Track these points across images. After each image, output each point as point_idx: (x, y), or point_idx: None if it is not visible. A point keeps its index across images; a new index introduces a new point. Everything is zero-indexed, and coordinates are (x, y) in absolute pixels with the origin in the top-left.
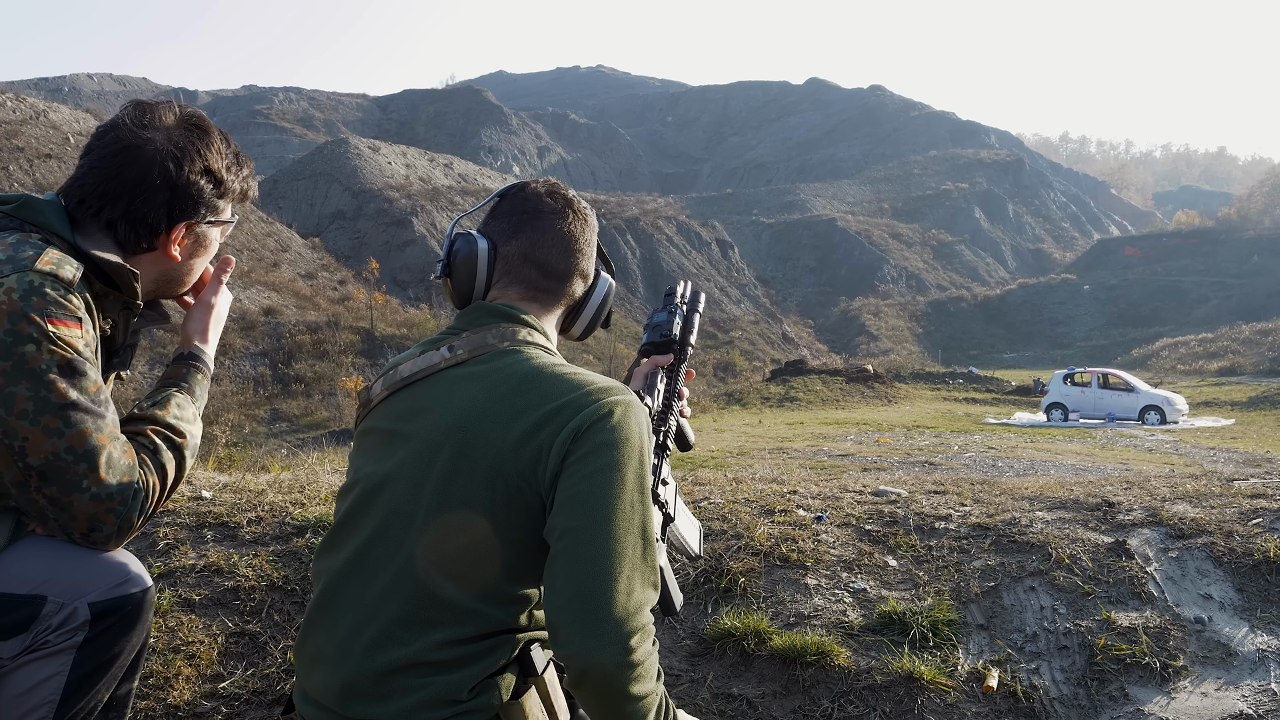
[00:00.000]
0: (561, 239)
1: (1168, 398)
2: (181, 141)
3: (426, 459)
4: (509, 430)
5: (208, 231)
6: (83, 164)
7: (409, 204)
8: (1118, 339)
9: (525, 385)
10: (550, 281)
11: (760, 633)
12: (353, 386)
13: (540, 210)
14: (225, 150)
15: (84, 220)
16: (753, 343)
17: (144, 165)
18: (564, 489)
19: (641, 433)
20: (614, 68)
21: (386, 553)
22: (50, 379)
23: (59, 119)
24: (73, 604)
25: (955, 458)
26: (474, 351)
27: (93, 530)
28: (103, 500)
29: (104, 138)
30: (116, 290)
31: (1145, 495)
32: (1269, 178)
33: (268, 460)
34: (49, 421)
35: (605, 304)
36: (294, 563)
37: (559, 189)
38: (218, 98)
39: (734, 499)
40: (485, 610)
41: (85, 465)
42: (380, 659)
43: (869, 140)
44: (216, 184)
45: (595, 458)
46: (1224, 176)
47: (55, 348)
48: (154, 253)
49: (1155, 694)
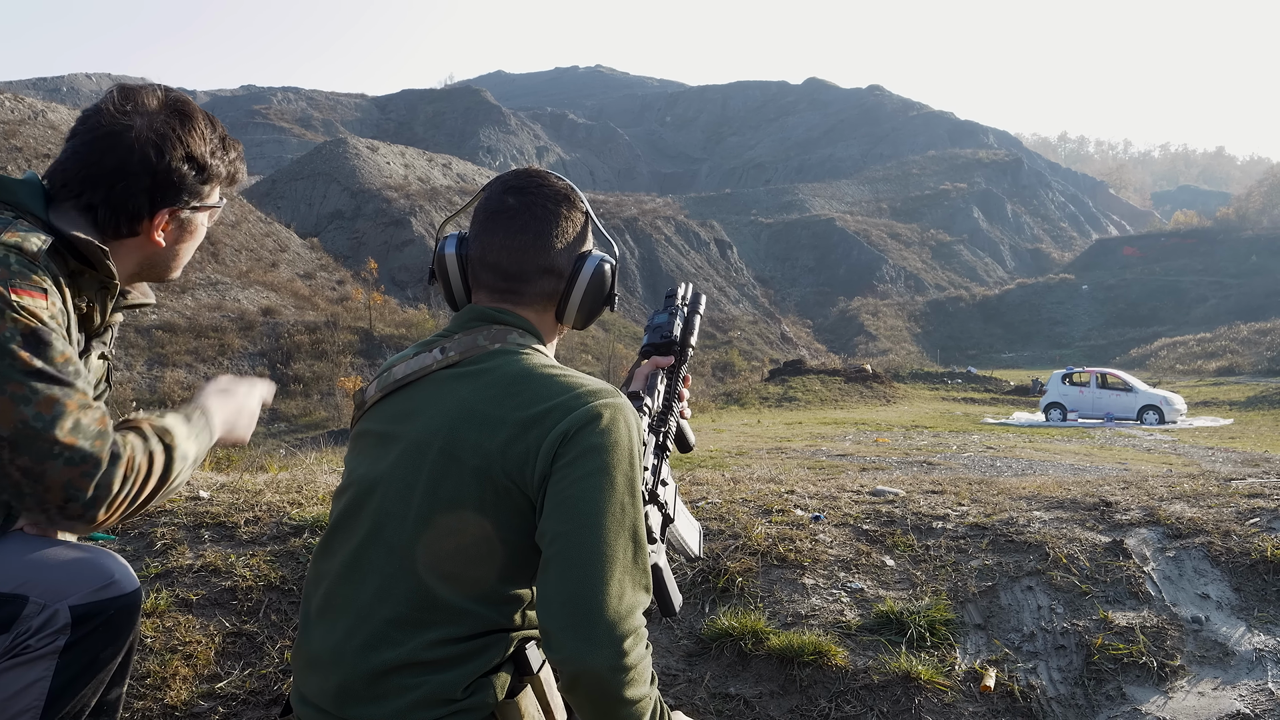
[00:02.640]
0: (513, 243)
1: (1166, 397)
2: (163, 128)
3: (417, 460)
4: (497, 431)
5: (193, 217)
6: (66, 148)
7: (407, 204)
8: (1116, 339)
9: (514, 387)
10: (509, 283)
11: (757, 632)
12: (351, 386)
13: (497, 211)
14: (210, 134)
15: (63, 201)
16: (751, 342)
17: (124, 152)
18: (554, 493)
19: (631, 435)
20: (612, 68)
21: (380, 555)
22: (12, 348)
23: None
24: (54, 606)
25: (953, 457)
26: (465, 353)
27: (69, 500)
28: (76, 464)
29: (87, 122)
30: (92, 269)
31: (1143, 495)
32: (1267, 177)
33: (265, 460)
34: (15, 389)
35: (598, 287)
36: (291, 563)
37: (524, 184)
38: (216, 97)
39: (732, 499)
40: (479, 610)
41: (54, 431)
42: (374, 660)
43: (867, 140)
44: (200, 170)
45: (584, 462)
46: (1222, 176)
47: (19, 316)
48: (137, 238)
49: (1152, 693)
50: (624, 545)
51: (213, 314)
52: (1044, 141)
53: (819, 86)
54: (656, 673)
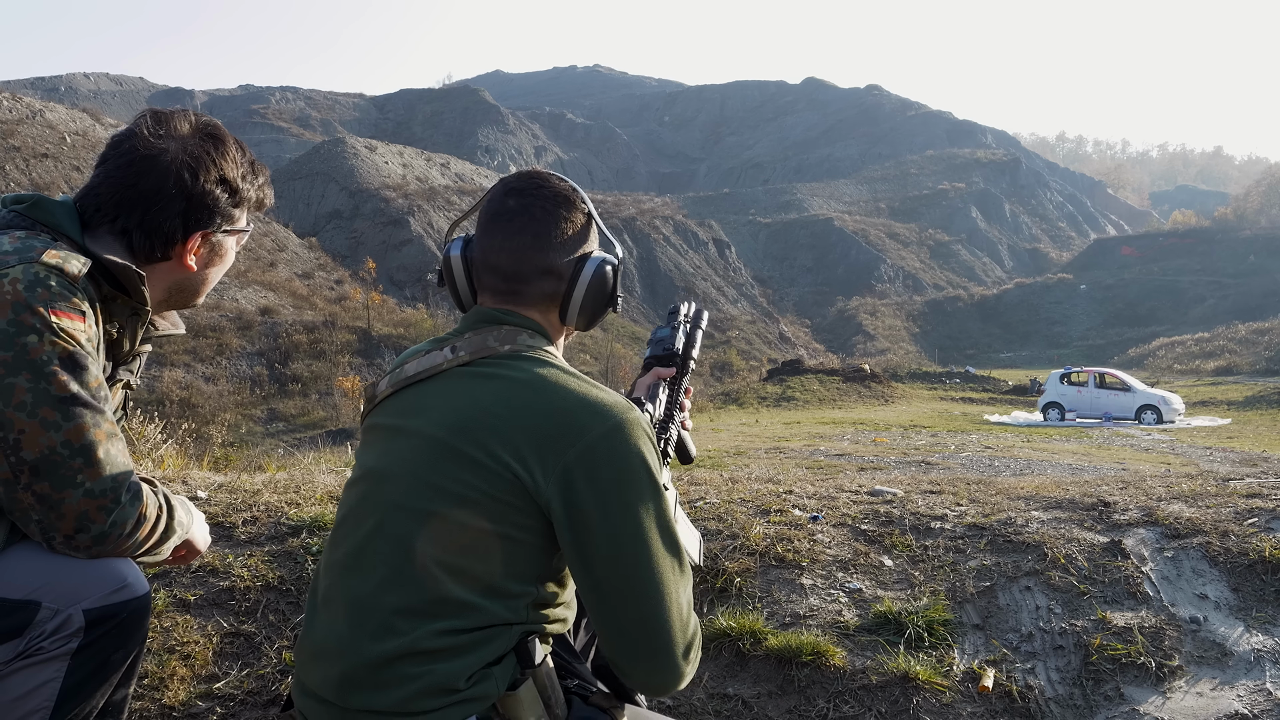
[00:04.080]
0: (512, 244)
1: (1164, 397)
2: (197, 151)
3: (426, 455)
4: (509, 433)
5: (223, 240)
6: (98, 172)
7: (406, 204)
8: (1114, 338)
9: (528, 390)
10: (510, 284)
11: (756, 633)
12: (349, 386)
13: (498, 213)
14: (240, 159)
15: (98, 226)
16: (750, 342)
17: (160, 175)
18: (584, 515)
19: (648, 445)
20: (611, 67)
21: (386, 547)
22: (51, 371)
23: (55, 119)
24: (67, 610)
25: (951, 457)
26: (476, 353)
27: (79, 531)
28: (96, 497)
29: (120, 147)
30: (125, 294)
31: (1141, 495)
32: (1265, 177)
33: (264, 460)
34: (47, 414)
35: (599, 289)
36: (289, 563)
37: (525, 185)
38: (214, 97)
39: (730, 499)
40: (484, 604)
41: (81, 460)
42: (379, 649)
43: (866, 140)
44: (232, 193)
45: (611, 485)
46: (1220, 176)
47: (58, 339)
48: (169, 262)
49: (1150, 694)
50: (669, 563)
51: (211, 314)
52: (1042, 141)
53: (817, 86)
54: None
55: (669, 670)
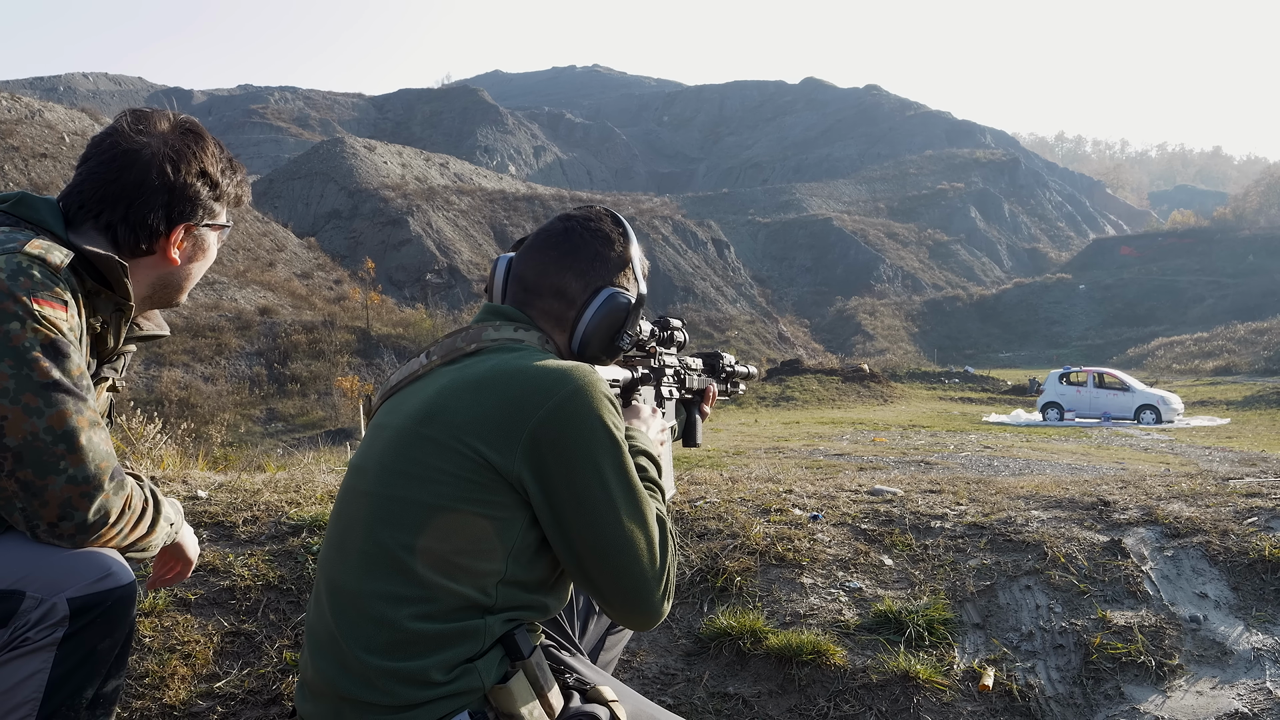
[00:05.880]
0: (539, 258)
1: (1163, 397)
2: (178, 145)
3: (395, 444)
4: (472, 412)
5: (206, 234)
6: (81, 171)
7: (405, 203)
8: (1113, 338)
9: (491, 372)
10: (524, 294)
11: (756, 632)
12: (348, 386)
13: (543, 231)
14: (219, 155)
15: (82, 223)
16: (749, 342)
17: (142, 168)
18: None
19: (606, 406)
20: (610, 67)
21: (362, 536)
22: (33, 357)
23: (54, 118)
24: (51, 599)
25: (951, 457)
26: (446, 355)
27: (63, 518)
28: (79, 483)
29: (101, 144)
30: (108, 289)
31: (1140, 494)
32: (1264, 177)
33: (263, 460)
34: (29, 400)
35: (609, 319)
36: (290, 562)
37: (578, 214)
38: (213, 97)
39: (730, 498)
40: (448, 584)
41: (63, 446)
42: (361, 640)
43: (865, 140)
44: (212, 187)
45: (573, 452)
46: (1219, 176)
47: (40, 326)
48: (153, 256)
49: (1150, 693)
50: (640, 518)
51: (210, 313)
52: (1041, 141)
53: (816, 86)
54: (655, 672)
55: (649, 613)
